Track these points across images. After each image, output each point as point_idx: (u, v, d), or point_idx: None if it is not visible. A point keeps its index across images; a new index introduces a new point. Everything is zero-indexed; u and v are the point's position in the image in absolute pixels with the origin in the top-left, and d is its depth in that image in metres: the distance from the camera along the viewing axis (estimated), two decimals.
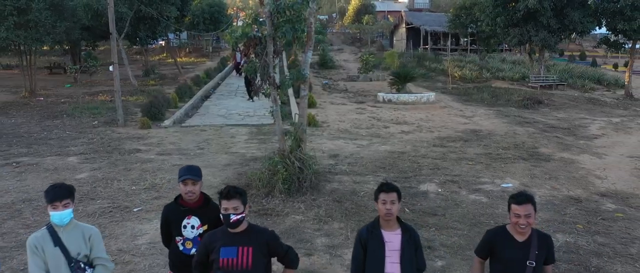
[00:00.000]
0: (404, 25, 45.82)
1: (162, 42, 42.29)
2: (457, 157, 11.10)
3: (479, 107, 18.84)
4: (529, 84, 25.41)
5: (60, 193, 3.31)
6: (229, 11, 49.76)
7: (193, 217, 3.76)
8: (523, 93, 22.02)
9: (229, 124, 14.72)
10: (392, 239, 3.50)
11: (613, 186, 9.36)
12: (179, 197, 3.82)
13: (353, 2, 55.49)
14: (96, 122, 15.14)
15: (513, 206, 3.46)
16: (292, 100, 17.68)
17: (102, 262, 3.42)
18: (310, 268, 5.89)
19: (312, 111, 15.44)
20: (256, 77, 8.48)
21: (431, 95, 19.57)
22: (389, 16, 56.45)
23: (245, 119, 15.62)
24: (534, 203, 3.45)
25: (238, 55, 29.06)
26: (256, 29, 8.51)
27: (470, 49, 40.90)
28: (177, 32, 35.01)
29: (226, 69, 30.74)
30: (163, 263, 5.94)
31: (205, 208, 3.80)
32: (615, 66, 36.79)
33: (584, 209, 8.01)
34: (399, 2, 76.23)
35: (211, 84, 23.85)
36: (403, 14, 47.21)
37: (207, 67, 32.25)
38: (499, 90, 23.13)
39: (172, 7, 22.46)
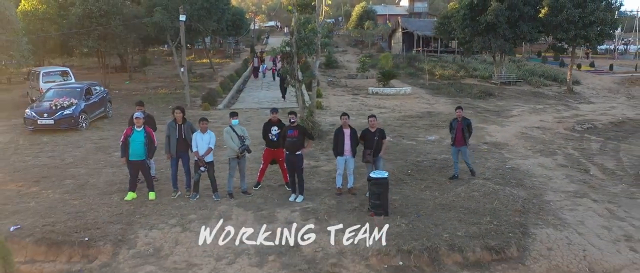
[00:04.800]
0: (400, 30, 52.27)
1: (188, 45, 49.12)
2: (410, 126, 17.72)
3: (442, 97, 25.38)
4: (492, 81, 31.85)
5: (234, 114, 10.00)
6: (246, 16, 56.46)
7: (275, 126, 10.39)
8: (482, 88, 28.49)
9: (262, 107, 21.40)
10: (346, 132, 10.13)
11: (495, 140, 15.94)
12: (270, 120, 10.47)
13: (356, 9, 61.91)
14: (170, 106, 21.85)
15: (370, 119, 10.13)
16: (305, 92, 24.22)
17: (247, 137, 10.07)
18: (316, 165, 12.52)
19: (319, 99, 22.02)
20: (287, 76, 15.21)
21: (408, 89, 26.16)
22: (388, 21, 62.76)
23: (273, 105, 22.23)
24: (376, 117, 10.12)
25: (255, 60, 35.69)
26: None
27: (457, 51, 47.27)
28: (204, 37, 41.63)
29: (247, 71, 37.21)
30: (250, 159, 12.56)
31: (280, 123, 10.44)
32: (579, 66, 42.98)
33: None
34: (400, 7, 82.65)
35: (240, 80, 30.57)
36: (399, 19, 53.67)
37: (233, 66, 39.02)
38: (465, 86, 29.62)
39: (213, 22, 29.19)
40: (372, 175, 9.26)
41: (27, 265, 7.69)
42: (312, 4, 15.41)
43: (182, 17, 20.83)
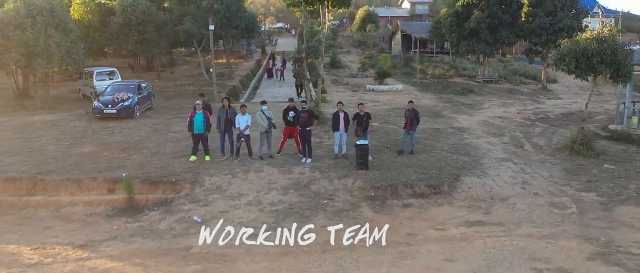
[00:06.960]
0: (399, 32, 56.61)
1: (208, 47, 53.74)
2: (396, 115, 22.18)
3: (429, 93, 29.79)
4: (476, 80, 36.18)
5: (264, 102, 14.54)
6: (257, 18, 60.95)
7: (291, 111, 14.90)
8: (465, 85, 32.84)
9: (277, 101, 25.89)
10: (341, 115, 14.67)
11: (460, 125, 20.35)
12: (288, 106, 14.99)
13: (359, 12, 66.29)
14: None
15: (359, 105, 14.69)
16: (312, 88, 28.71)
17: (273, 118, 14.59)
18: (320, 142, 17.00)
19: (323, 95, 26.47)
20: (299, 75, 19.76)
21: (400, 86, 30.60)
22: (389, 24, 67.12)
23: (286, 98, 26.79)
24: (364, 104, 14.67)
25: (271, 62, 40.18)
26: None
27: (451, 52, 51.53)
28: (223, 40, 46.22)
29: (260, 70, 41.65)
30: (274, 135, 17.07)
31: (295, 109, 14.96)
32: None
33: (437, 131, 19.00)
34: (401, 9, 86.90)
35: (256, 79, 35.18)
36: (399, 22, 58.03)
37: (247, 66, 43.56)
38: (451, 84, 33.99)
39: (233, 29, 33.78)
40: (357, 143, 13.77)
41: (138, 195, 12.23)
42: (319, 19, 19.96)
43: (211, 27, 25.34)
